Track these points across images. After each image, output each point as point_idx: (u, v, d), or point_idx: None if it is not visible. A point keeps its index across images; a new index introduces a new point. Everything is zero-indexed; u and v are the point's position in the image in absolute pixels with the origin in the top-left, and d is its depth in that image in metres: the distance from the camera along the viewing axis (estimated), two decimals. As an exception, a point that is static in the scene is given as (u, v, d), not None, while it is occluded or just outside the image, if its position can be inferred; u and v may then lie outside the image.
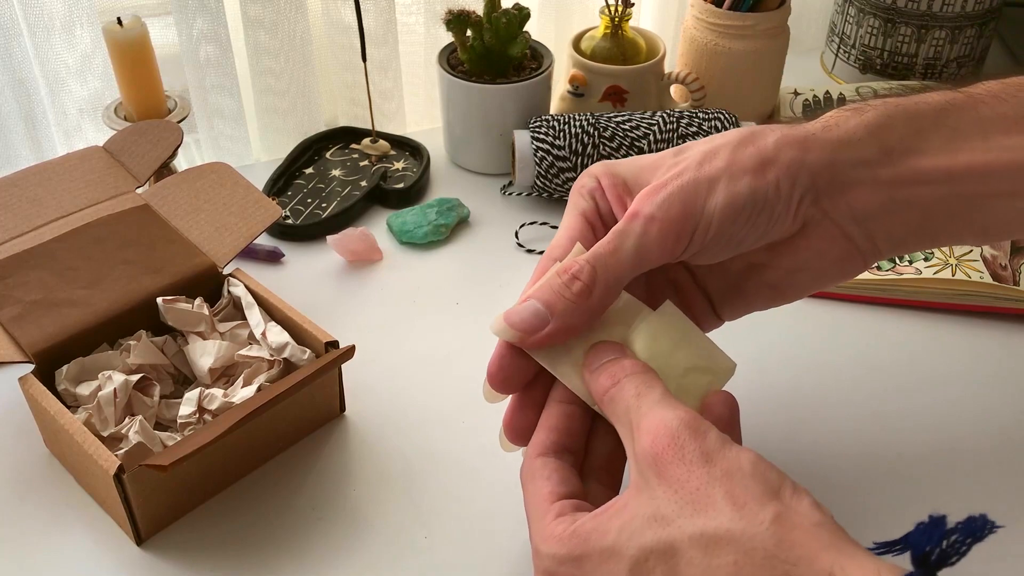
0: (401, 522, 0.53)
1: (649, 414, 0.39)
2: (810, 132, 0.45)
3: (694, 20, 0.84)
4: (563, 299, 0.42)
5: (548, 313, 0.42)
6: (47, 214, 0.61)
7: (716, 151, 0.44)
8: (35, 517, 0.53)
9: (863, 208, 0.45)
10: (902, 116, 0.45)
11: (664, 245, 0.43)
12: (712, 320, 0.51)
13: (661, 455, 0.37)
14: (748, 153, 0.44)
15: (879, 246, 0.46)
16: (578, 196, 0.48)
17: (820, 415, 0.59)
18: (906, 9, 0.89)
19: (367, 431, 0.58)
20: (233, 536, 0.52)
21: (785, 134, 0.44)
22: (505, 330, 0.43)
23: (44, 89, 0.77)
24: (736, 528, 0.34)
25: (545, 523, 0.40)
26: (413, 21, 0.87)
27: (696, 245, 0.44)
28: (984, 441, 0.58)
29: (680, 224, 0.43)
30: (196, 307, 0.57)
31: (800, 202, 0.44)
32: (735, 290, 0.49)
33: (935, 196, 0.44)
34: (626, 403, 0.40)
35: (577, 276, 0.42)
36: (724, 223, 0.43)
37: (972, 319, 0.66)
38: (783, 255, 0.47)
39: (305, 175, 0.79)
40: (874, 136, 0.44)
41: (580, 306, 0.42)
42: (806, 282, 0.48)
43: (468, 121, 0.79)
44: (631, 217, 0.43)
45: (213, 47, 0.77)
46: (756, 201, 0.43)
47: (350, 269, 0.71)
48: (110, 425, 0.52)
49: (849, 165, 0.44)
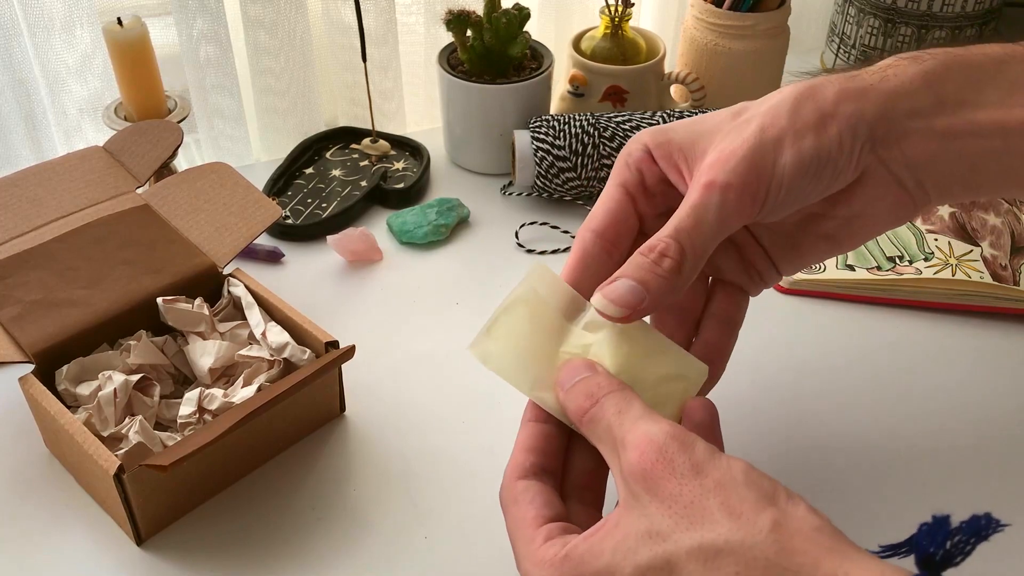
0: (401, 522, 0.53)
1: (633, 430, 0.38)
2: (867, 84, 0.44)
3: (694, 20, 0.84)
4: (656, 276, 0.42)
5: (644, 290, 0.42)
6: (47, 214, 0.61)
7: (777, 110, 0.44)
8: (35, 517, 0.53)
9: (916, 156, 0.45)
10: (959, 66, 0.45)
11: (742, 210, 0.43)
12: (773, 275, 0.51)
13: (650, 470, 0.36)
14: (808, 110, 0.44)
15: (929, 194, 0.46)
16: (623, 166, 0.48)
17: (820, 415, 0.59)
18: (906, 9, 0.89)
19: (367, 431, 0.58)
20: (233, 536, 0.52)
21: (843, 87, 0.44)
22: (608, 306, 0.42)
23: (44, 89, 0.77)
24: (735, 538, 0.34)
25: (534, 548, 0.39)
26: (413, 21, 0.87)
27: (770, 205, 0.44)
28: (984, 441, 0.58)
29: (755, 187, 0.43)
30: (196, 307, 0.57)
31: (860, 153, 0.44)
32: (791, 244, 0.50)
33: (987, 149, 0.44)
34: (607, 421, 0.40)
35: (665, 253, 0.42)
36: (794, 180, 0.43)
37: (972, 319, 0.66)
38: (839, 204, 0.47)
39: (305, 175, 0.79)
40: (930, 86, 0.44)
41: (673, 282, 0.42)
42: (860, 230, 0.48)
43: (468, 121, 0.79)
44: (707, 188, 0.43)
45: (213, 47, 0.77)
46: (821, 157, 0.43)
47: (350, 269, 0.71)
48: (110, 425, 0.52)
49: (904, 115, 0.44)
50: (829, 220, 0.48)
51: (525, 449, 0.43)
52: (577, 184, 0.74)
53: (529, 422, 0.44)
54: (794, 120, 0.44)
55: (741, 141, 0.43)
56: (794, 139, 0.43)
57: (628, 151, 0.48)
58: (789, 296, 0.68)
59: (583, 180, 0.74)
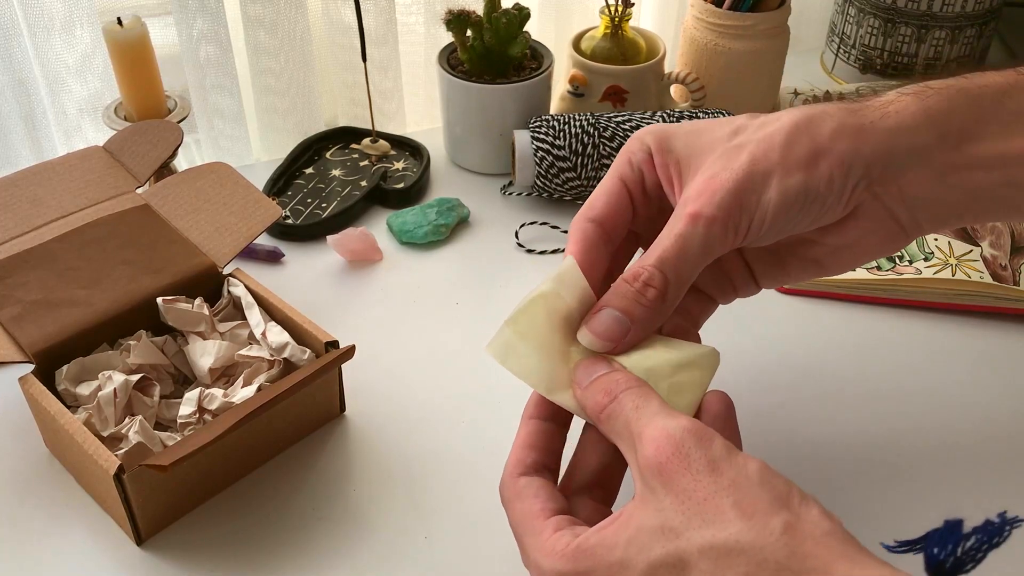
0: (401, 522, 0.53)
1: (650, 424, 0.38)
2: (867, 121, 0.44)
3: (694, 20, 0.84)
4: (640, 306, 0.43)
5: (628, 320, 0.43)
6: (47, 214, 0.61)
7: (770, 141, 0.44)
8: (35, 517, 0.53)
9: (913, 192, 0.45)
10: (963, 101, 0.45)
11: (725, 241, 0.44)
12: (750, 288, 0.51)
13: (666, 464, 0.36)
14: (802, 144, 0.44)
15: (923, 226, 0.47)
16: (625, 164, 0.48)
17: (820, 415, 0.59)
18: (906, 9, 0.88)
19: (367, 431, 0.58)
20: (233, 536, 0.52)
21: (841, 123, 0.44)
22: (594, 341, 0.43)
23: (44, 89, 0.77)
24: (746, 539, 0.34)
25: (544, 538, 0.39)
26: (413, 21, 0.87)
27: (752, 236, 0.44)
28: (985, 441, 0.58)
29: (738, 220, 0.43)
30: (196, 307, 0.57)
31: (853, 190, 0.44)
32: (776, 263, 0.50)
33: (986, 180, 0.45)
34: (625, 417, 0.40)
35: (649, 283, 0.43)
36: (778, 216, 0.44)
37: (972, 319, 0.66)
38: (830, 234, 0.47)
39: (305, 175, 0.79)
40: (933, 122, 0.44)
41: (657, 310, 0.43)
42: (850, 259, 0.49)
43: (468, 121, 0.79)
44: (693, 219, 0.43)
45: (213, 47, 0.77)
46: (808, 194, 0.44)
47: (350, 269, 0.71)
48: (110, 425, 0.52)
49: (904, 152, 0.44)
50: (819, 247, 0.48)
51: (526, 446, 0.43)
52: (577, 184, 0.74)
53: (530, 419, 0.44)
54: (786, 155, 0.44)
55: (730, 173, 0.44)
56: (783, 175, 0.43)
57: (631, 149, 0.48)
58: (789, 296, 0.68)
59: (583, 180, 0.74)
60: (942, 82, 0.46)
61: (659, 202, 0.48)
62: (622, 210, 0.47)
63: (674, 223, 0.44)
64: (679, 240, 0.43)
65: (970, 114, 0.45)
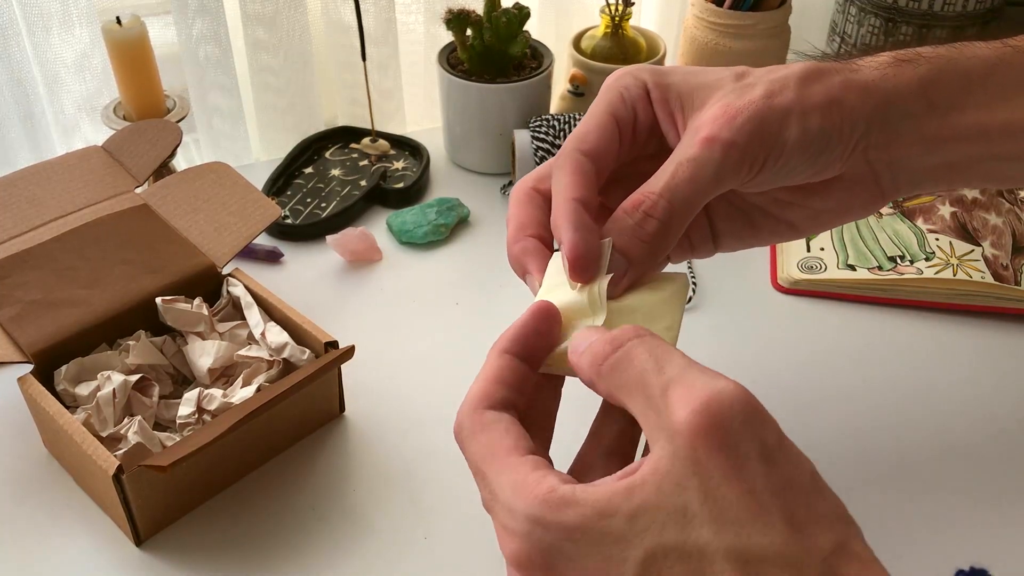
0: (401, 522, 0.53)
1: (683, 380, 0.31)
2: (869, 79, 0.44)
3: (695, 19, 0.84)
4: (639, 242, 0.39)
5: (626, 262, 0.39)
6: (46, 214, 0.61)
7: (784, 82, 0.42)
8: (34, 517, 0.52)
9: (899, 157, 0.45)
10: (952, 72, 0.44)
11: (740, 172, 0.41)
12: (707, 248, 0.48)
13: (703, 435, 0.30)
14: (816, 90, 0.42)
15: (900, 189, 0.46)
16: (618, 99, 0.43)
17: (820, 415, 0.59)
18: (907, 8, 0.88)
19: (367, 431, 0.58)
20: (233, 536, 0.52)
21: (848, 79, 0.43)
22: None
23: (43, 88, 0.77)
24: (789, 552, 0.29)
25: (519, 475, 0.32)
26: (413, 21, 0.87)
27: (764, 174, 0.42)
28: (985, 441, 0.57)
29: (756, 151, 0.41)
30: (195, 307, 0.57)
31: (854, 148, 0.44)
32: (747, 223, 0.48)
33: (968, 151, 0.45)
34: (640, 367, 0.33)
35: (651, 213, 0.39)
36: (794, 155, 0.42)
37: (973, 319, 0.66)
38: (814, 196, 0.46)
39: (305, 175, 0.79)
40: (923, 91, 0.44)
41: (657, 246, 0.39)
42: (827, 222, 0.47)
43: (468, 121, 0.79)
44: (708, 142, 0.40)
45: (212, 46, 0.77)
46: (824, 139, 0.42)
47: (350, 269, 0.71)
48: (109, 425, 0.52)
49: (897, 117, 0.44)
50: (799, 209, 0.47)
51: (494, 380, 0.37)
52: (577, 184, 0.74)
53: (503, 353, 0.37)
54: (801, 97, 0.42)
55: (747, 102, 0.41)
56: (801, 115, 0.42)
57: (624, 84, 0.44)
58: (789, 296, 0.68)
59: (583, 180, 0.74)
60: (933, 51, 0.45)
61: (645, 147, 0.45)
62: (612, 148, 0.43)
63: (683, 149, 0.40)
64: (691, 165, 0.39)
65: (957, 85, 0.44)
